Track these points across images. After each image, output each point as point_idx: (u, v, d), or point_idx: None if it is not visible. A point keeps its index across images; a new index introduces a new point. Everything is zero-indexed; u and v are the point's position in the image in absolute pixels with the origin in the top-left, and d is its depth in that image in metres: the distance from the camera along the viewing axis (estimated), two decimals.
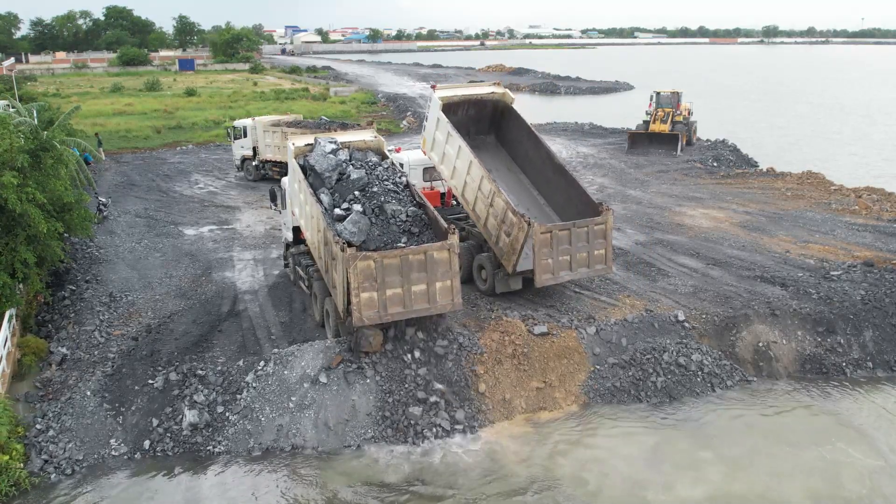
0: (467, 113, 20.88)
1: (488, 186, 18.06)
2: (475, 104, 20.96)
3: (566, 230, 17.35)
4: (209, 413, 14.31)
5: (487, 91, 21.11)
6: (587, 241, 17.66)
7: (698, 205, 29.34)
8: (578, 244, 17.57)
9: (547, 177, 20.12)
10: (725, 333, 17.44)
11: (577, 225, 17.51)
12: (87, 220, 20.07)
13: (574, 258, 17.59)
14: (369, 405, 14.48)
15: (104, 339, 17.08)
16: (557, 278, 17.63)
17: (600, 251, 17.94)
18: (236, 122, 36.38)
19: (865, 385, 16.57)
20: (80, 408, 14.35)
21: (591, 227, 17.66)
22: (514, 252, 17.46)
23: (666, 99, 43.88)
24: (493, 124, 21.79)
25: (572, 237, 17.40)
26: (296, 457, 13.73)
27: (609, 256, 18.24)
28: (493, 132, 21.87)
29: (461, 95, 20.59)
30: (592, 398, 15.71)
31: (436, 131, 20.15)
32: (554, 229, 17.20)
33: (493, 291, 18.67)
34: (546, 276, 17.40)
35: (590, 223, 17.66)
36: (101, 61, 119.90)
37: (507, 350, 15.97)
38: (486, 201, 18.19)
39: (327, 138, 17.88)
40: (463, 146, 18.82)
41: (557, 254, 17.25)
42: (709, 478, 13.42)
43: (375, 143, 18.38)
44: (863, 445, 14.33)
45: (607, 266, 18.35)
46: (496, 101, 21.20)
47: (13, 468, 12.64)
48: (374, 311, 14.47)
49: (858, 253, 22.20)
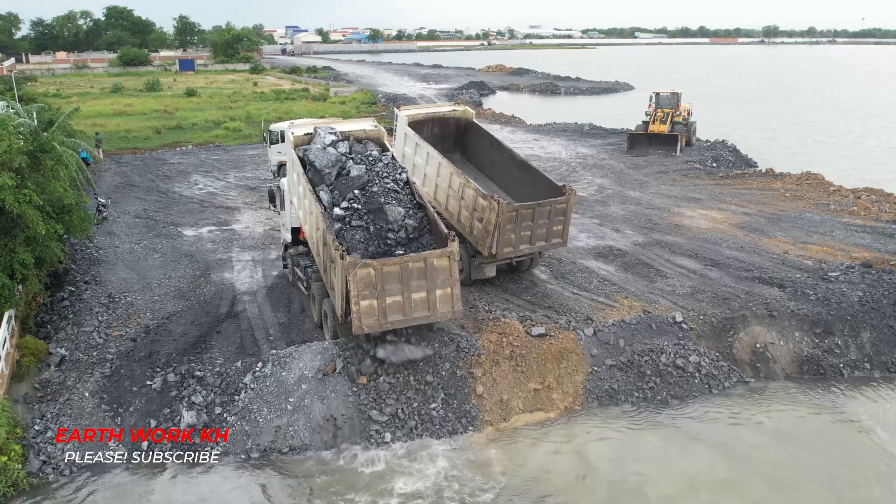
0: (432, 131, 22.00)
1: (458, 181, 19.17)
2: (439, 122, 22.32)
3: (530, 209, 18.68)
4: (207, 414, 14.33)
5: (449, 109, 22.89)
6: (549, 218, 19.07)
7: (697, 205, 29.36)
8: (540, 221, 18.95)
9: (513, 176, 21.07)
10: (723, 335, 17.47)
11: (541, 205, 18.80)
12: (86, 222, 20.06)
13: (534, 234, 19.05)
14: (367, 406, 14.50)
15: (103, 341, 17.10)
16: (517, 251, 19.07)
17: (558, 227, 19.45)
18: (272, 127, 33.94)
19: (863, 386, 16.60)
20: (78, 409, 14.38)
21: (554, 206, 19.03)
22: (488, 234, 18.44)
23: (665, 100, 43.94)
24: (457, 141, 23.04)
25: (535, 215, 18.79)
26: (293, 458, 13.75)
27: (566, 232, 19.72)
28: (459, 149, 22.96)
29: (425, 113, 22.16)
30: (590, 400, 15.74)
31: (404, 146, 21.44)
32: (520, 209, 18.51)
33: (468, 280, 19.35)
34: (507, 249, 18.80)
35: (553, 203, 18.97)
36: (102, 61, 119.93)
37: (505, 351, 15.99)
38: (458, 195, 19.28)
39: (327, 128, 17.85)
40: (431, 151, 20.00)
41: (520, 230, 18.71)
42: (707, 479, 13.45)
43: (375, 132, 18.49)
44: (860, 444, 14.37)
45: (562, 240, 19.84)
46: (458, 119, 22.69)
47: (11, 469, 12.65)
48: (373, 319, 14.37)
49: (857, 254, 22.22)
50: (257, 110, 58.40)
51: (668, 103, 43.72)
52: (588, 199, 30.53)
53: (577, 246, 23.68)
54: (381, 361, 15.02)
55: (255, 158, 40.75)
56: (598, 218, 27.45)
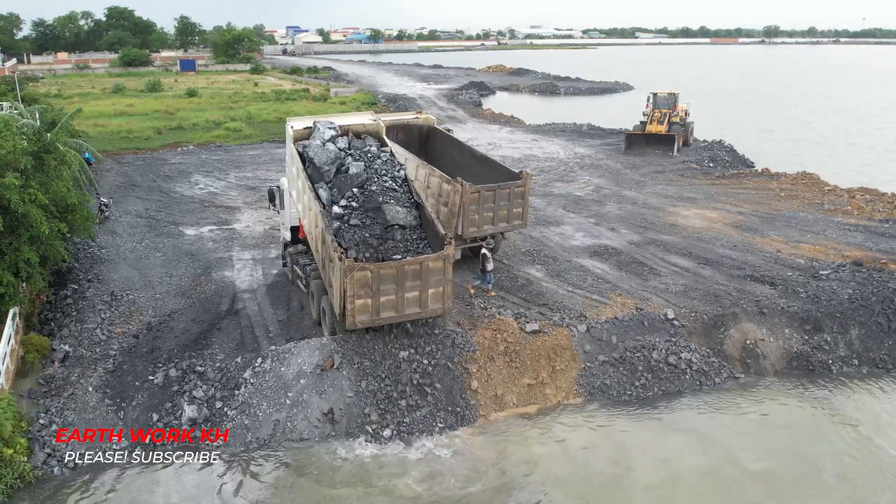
0: (397, 137, 23.00)
1: (423, 171, 20.84)
2: (403, 128, 23.65)
3: (492, 191, 20.27)
4: (208, 408, 14.67)
5: (412, 116, 24.53)
6: (509, 200, 20.71)
7: (692, 205, 29.66)
8: (501, 203, 20.58)
9: (475, 171, 21.98)
10: (714, 331, 17.78)
11: (501, 187, 20.46)
12: (89, 221, 20.38)
13: (496, 215, 20.65)
14: (364, 401, 14.83)
15: (105, 337, 17.43)
16: (481, 231, 20.49)
17: (518, 209, 21.08)
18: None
19: (851, 381, 16.91)
20: (81, 403, 14.71)
21: (513, 188, 20.71)
22: (453, 216, 19.90)
23: (663, 100, 44.27)
24: (421, 146, 24.07)
25: (496, 197, 20.41)
26: (291, 451, 14.08)
27: (525, 214, 21.43)
28: (423, 153, 23.72)
29: (391, 120, 23.48)
30: (583, 395, 16.06)
31: None
32: (482, 190, 20.01)
33: None
34: (472, 230, 20.27)
35: (512, 185, 20.67)
36: (103, 62, 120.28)
37: (500, 347, 16.32)
38: (424, 185, 20.73)
39: (326, 123, 18.17)
40: (397, 149, 20.82)
41: (483, 211, 20.27)
42: (696, 473, 13.77)
43: (374, 126, 18.96)
44: (848, 437, 14.70)
45: (523, 222, 21.48)
46: (421, 125, 24.10)
47: (17, 462, 12.99)
48: (367, 315, 14.98)
49: (848, 253, 22.52)
50: (258, 111, 58.72)
51: (665, 104, 44.05)
52: (585, 199, 30.84)
53: (573, 245, 24.01)
54: None
55: (255, 159, 41.13)
56: (595, 217, 27.76)
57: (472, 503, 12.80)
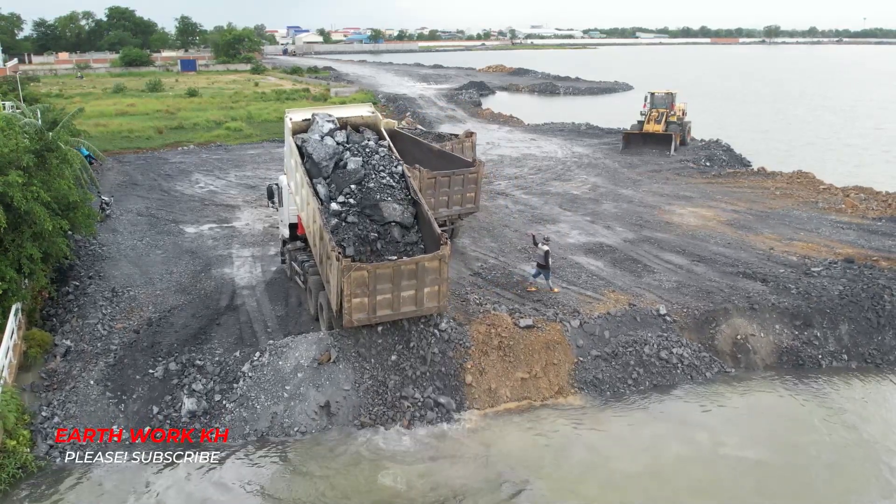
0: None
1: None
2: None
3: (447, 177, 22.14)
4: (207, 401, 14.94)
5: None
6: (462, 185, 22.65)
7: (688, 203, 29.93)
8: (455, 188, 22.48)
9: (434, 164, 22.94)
10: (705, 327, 18.06)
11: (455, 173, 22.34)
12: (90, 219, 20.69)
13: (451, 199, 22.55)
14: (360, 394, 15.12)
15: (106, 332, 17.73)
16: (437, 213, 21.40)
17: (471, 194, 23.03)
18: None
19: (840, 376, 17.18)
20: (83, 396, 15.00)
21: (466, 174, 22.61)
22: None
23: (660, 99, 44.52)
24: None
25: (451, 182, 22.29)
26: (289, 443, 14.36)
27: (478, 198, 23.44)
28: None
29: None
30: (575, 389, 16.33)
31: None
32: (437, 175, 21.81)
33: None
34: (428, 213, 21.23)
35: (465, 172, 22.57)
36: (104, 62, 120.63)
37: (494, 342, 16.59)
38: None
39: (325, 115, 18.40)
40: None
41: (439, 195, 22.10)
42: (683, 462, 14.03)
43: (372, 118, 19.33)
44: (837, 429, 14.98)
45: (475, 206, 23.51)
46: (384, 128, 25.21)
47: (20, 452, 13.29)
48: (363, 313, 15.27)
49: (841, 250, 22.77)
50: (258, 110, 59.00)
51: (662, 103, 44.31)
52: (581, 198, 31.11)
53: (568, 242, 24.28)
54: None
55: (255, 158, 41.42)
56: (591, 215, 28.03)
57: (467, 494, 13.06)
